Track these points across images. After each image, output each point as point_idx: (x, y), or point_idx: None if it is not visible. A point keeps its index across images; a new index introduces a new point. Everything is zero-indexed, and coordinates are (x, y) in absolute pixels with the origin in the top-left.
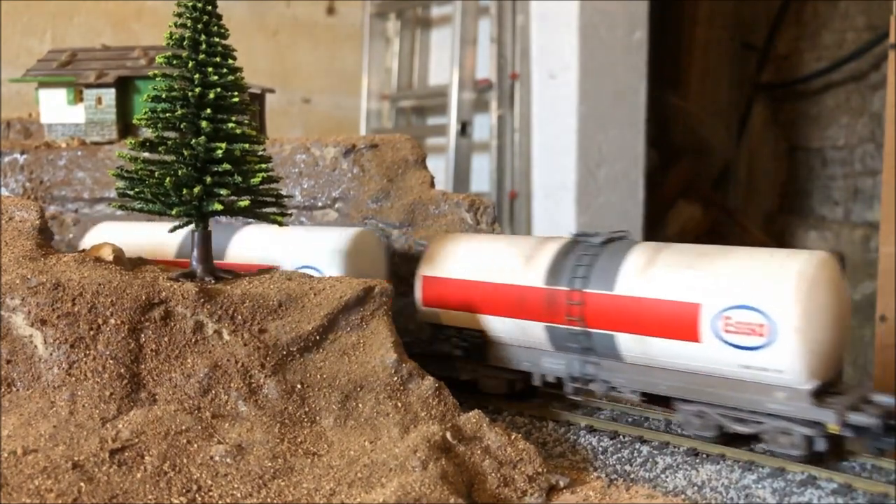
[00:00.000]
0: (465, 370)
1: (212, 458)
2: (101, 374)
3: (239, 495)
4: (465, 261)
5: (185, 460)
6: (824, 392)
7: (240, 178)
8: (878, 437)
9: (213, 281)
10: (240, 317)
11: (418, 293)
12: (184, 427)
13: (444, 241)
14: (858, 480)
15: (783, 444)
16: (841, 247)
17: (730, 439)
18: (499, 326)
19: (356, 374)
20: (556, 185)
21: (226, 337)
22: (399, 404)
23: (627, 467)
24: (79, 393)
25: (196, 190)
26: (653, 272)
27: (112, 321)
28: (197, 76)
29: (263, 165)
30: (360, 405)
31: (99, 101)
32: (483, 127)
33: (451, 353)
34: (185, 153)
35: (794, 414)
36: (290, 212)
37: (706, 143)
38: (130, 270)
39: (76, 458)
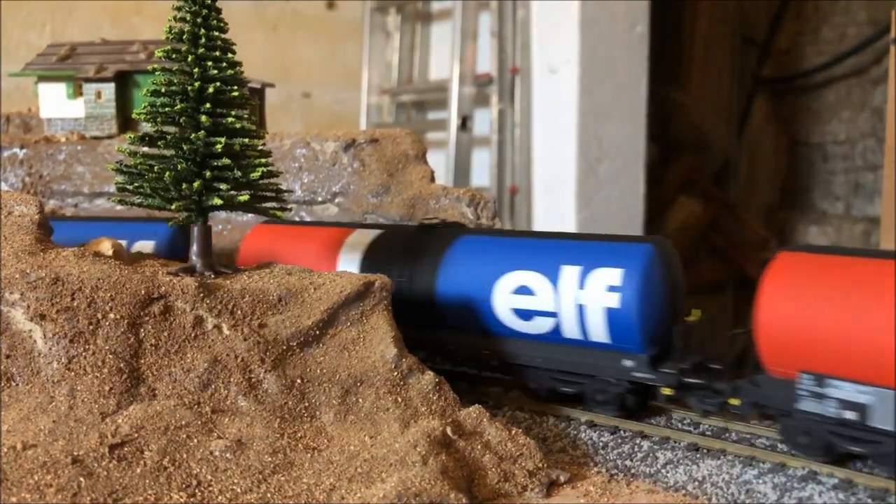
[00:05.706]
0: None
1: (211, 452)
2: (101, 369)
3: (239, 490)
4: None
5: (184, 455)
6: None
7: (239, 173)
8: None
9: (212, 276)
10: (239, 311)
11: None
12: (183, 422)
13: None
14: (859, 476)
15: None
16: (842, 241)
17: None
18: None
19: (356, 369)
20: (556, 179)
21: (225, 332)
22: (399, 399)
23: (628, 462)
24: (78, 388)
25: (195, 184)
26: None
27: (111, 316)
28: (196, 70)
29: (263, 160)
30: (361, 400)
31: (98, 95)
32: (483, 121)
33: None
34: (185, 148)
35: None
36: (289, 206)
37: (707, 137)
38: (130, 265)
39: (76, 453)
